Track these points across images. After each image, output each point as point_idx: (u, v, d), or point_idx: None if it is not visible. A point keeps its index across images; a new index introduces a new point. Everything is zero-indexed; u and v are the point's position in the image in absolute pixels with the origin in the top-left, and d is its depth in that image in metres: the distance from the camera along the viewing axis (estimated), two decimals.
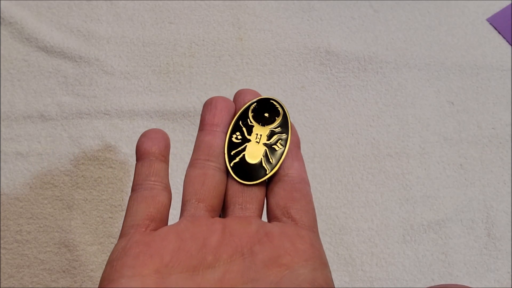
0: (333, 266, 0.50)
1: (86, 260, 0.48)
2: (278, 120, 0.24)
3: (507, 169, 0.54)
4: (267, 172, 0.24)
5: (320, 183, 0.52)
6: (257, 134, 0.24)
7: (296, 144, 0.25)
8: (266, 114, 0.24)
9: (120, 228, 0.50)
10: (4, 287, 0.48)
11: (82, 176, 0.51)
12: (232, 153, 0.24)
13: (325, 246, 0.50)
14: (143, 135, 0.24)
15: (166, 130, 0.53)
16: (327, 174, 0.53)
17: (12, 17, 0.55)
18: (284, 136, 0.24)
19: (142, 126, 0.53)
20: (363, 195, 0.52)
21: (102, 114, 0.53)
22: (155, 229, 0.21)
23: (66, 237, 0.49)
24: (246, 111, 0.24)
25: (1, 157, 0.51)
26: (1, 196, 0.50)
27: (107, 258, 0.48)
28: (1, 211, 0.50)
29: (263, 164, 0.24)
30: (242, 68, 0.56)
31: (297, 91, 0.56)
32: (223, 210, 0.24)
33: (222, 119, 0.24)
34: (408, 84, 0.57)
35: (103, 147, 0.52)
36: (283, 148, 0.24)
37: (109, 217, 0.50)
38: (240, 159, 0.24)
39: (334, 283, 0.49)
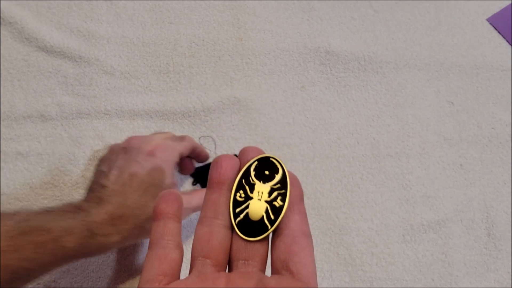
0: (333, 266, 0.50)
1: (86, 260, 0.48)
2: (278, 177, 0.26)
3: (507, 169, 0.54)
4: (268, 228, 0.25)
5: (320, 183, 0.52)
6: (258, 191, 0.26)
7: (298, 197, 0.26)
8: (267, 172, 0.26)
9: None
10: (4, 287, 0.48)
11: (82, 176, 0.51)
12: (236, 211, 0.26)
13: (325, 246, 0.50)
14: (160, 197, 0.26)
15: (166, 130, 0.53)
16: (327, 174, 0.53)
17: (12, 17, 0.55)
18: (283, 191, 0.26)
19: (142, 126, 0.53)
20: (363, 195, 0.52)
21: (102, 114, 0.53)
22: (168, 284, 0.24)
23: None
24: (248, 170, 0.26)
25: (1, 157, 0.51)
26: (1, 196, 0.50)
27: (107, 258, 0.48)
28: (1, 211, 0.50)
29: (265, 221, 0.25)
30: (242, 68, 0.56)
31: (297, 91, 0.56)
32: (228, 264, 0.26)
33: (227, 177, 0.26)
34: (408, 84, 0.57)
35: (103, 147, 0.52)
36: (283, 204, 0.25)
37: None
38: (244, 216, 0.26)
39: (334, 283, 0.49)
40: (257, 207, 0.26)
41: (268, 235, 0.26)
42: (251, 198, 0.26)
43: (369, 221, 0.51)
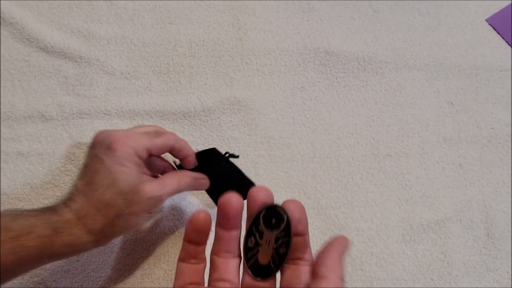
0: None
1: (86, 260, 0.49)
2: (282, 226, 0.30)
3: (506, 169, 0.54)
4: (274, 272, 0.31)
5: (320, 183, 0.52)
6: (266, 239, 0.30)
7: (304, 231, 0.31)
8: (273, 220, 0.30)
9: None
10: (4, 287, 0.48)
11: None
12: (248, 256, 0.31)
13: None
14: (190, 222, 0.31)
15: (166, 130, 0.53)
16: (327, 174, 0.53)
17: (12, 17, 0.56)
18: (286, 239, 0.30)
19: None
20: (362, 195, 0.52)
21: (102, 114, 0.54)
22: None
23: None
24: (258, 217, 0.30)
25: (2, 157, 0.52)
26: (2, 196, 0.50)
27: (107, 258, 0.48)
28: (2, 211, 0.50)
29: (271, 265, 0.30)
30: (242, 68, 0.56)
31: (297, 91, 0.56)
32: None
33: (235, 218, 0.31)
34: (408, 84, 0.57)
35: None
36: (286, 250, 0.30)
37: None
38: (254, 261, 0.31)
39: None
40: (266, 252, 0.30)
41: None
42: (260, 245, 0.30)
43: (368, 221, 0.51)
